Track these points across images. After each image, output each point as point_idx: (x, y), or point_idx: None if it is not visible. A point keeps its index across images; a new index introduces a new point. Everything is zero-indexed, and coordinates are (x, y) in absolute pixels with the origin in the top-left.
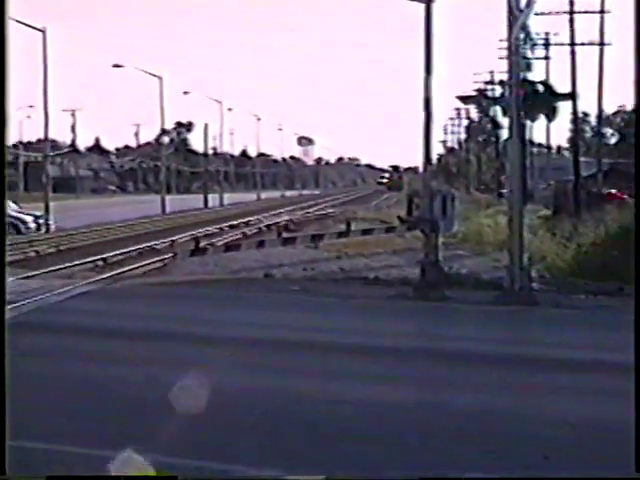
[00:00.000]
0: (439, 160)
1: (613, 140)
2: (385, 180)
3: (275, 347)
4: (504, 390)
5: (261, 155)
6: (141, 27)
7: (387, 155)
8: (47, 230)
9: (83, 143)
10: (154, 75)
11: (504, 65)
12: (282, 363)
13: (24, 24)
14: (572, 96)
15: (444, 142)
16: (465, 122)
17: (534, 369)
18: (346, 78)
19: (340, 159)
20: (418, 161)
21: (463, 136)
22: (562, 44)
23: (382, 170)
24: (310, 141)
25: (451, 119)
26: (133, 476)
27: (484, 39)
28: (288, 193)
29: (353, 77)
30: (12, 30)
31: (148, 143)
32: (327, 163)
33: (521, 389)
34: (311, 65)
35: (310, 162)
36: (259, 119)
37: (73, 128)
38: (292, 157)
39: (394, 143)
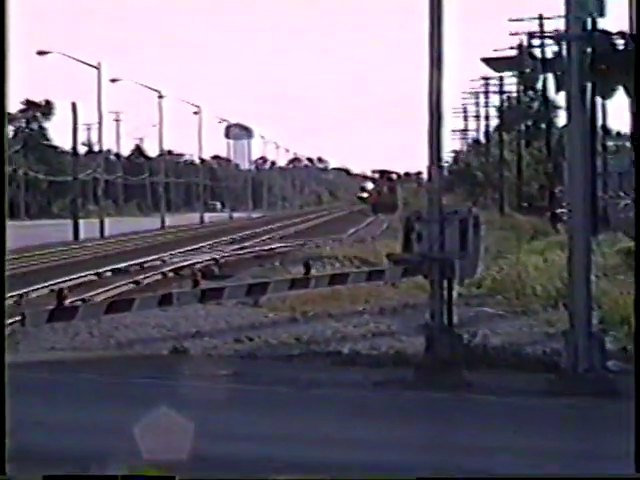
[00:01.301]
0: (455, 161)
1: None
2: (366, 195)
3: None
4: None
5: (166, 154)
6: None
7: (371, 156)
8: None
9: None
10: None
11: (560, 6)
12: None
13: None
14: None
15: (463, 132)
16: (496, 100)
17: None
18: (304, 43)
19: (295, 160)
20: (420, 164)
21: (493, 123)
22: None
23: (364, 178)
24: (247, 131)
25: (474, 94)
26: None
27: None
28: (211, 216)
29: (315, 42)
30: None
31: None
32: (273, 166)
33: None
34: (253, 29)
35: (246, 165)
36: (161, 96)
37: None
38: (217, 157)
39: (381, 138)
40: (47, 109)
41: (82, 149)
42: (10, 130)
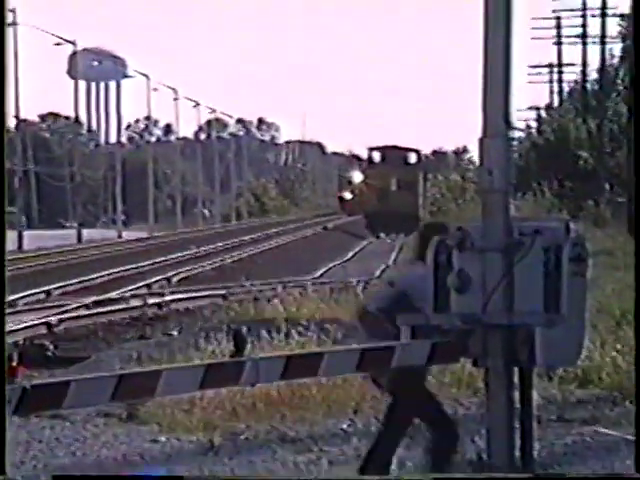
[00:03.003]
0: (538, 128)
1: None
2: (350, 196)
3: None
4: None
5: None
6: None
7: (364, 122)
8: None
9: None
10: None
11: None
12: None
13: None
14: None
15: (554, 70)
16: (623, 4)
17: None
18: None
19: (213, 125)
20: (467, 135)
21: (612, 53)
22: None
23: (351, 160)
24: (114, 64)
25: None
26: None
27: None
28: (30, 236)
29: None
30: None
31: None
32: (168, 136)
33: None
34: None
35: (113, 135)
36: None
37: None
38: (54, 116)
39: (387, 89)
40: None
41: None
42: None
